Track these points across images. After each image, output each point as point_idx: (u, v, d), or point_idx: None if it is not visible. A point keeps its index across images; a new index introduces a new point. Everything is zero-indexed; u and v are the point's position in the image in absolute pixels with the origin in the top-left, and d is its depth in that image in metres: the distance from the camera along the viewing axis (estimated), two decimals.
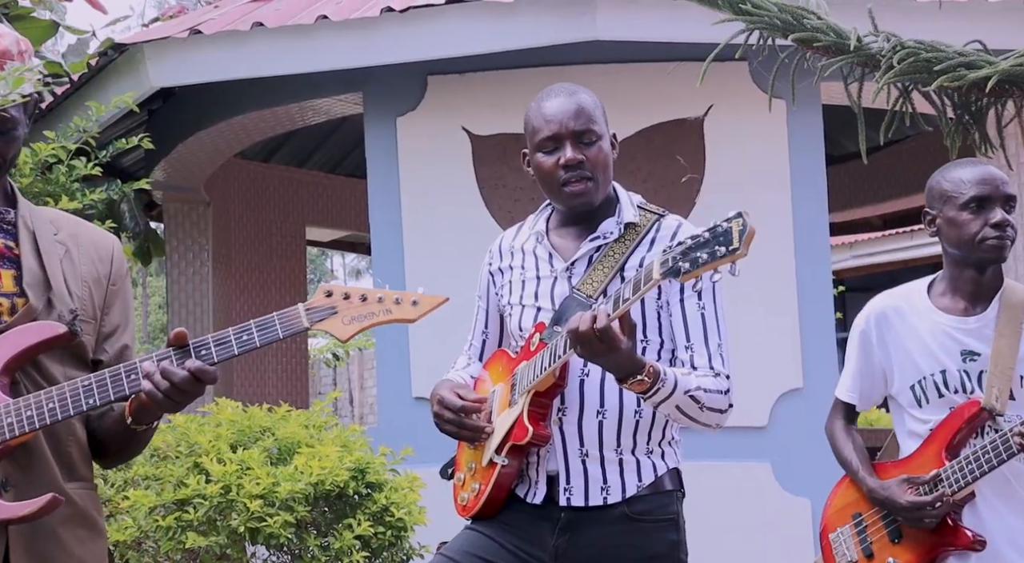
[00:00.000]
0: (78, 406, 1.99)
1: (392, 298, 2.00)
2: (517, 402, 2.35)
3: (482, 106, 5.31)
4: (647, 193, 5.15)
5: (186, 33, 5.27)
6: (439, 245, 5.29)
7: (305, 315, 1.99)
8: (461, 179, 5.32)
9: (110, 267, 2.16)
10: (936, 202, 2.73)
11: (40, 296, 2.04)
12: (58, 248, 2.10)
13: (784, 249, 5.20)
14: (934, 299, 2.75)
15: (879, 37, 2.75)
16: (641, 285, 2.09)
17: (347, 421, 14.36)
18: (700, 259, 2.02)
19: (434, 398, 2.45)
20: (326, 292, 2.01)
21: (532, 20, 4.89)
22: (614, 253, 2.37)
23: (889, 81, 2.69)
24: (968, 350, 2.68)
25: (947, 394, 2.68)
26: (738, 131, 5.22)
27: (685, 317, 2.35)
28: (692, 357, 2.34)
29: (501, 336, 2.58)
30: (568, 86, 2.42)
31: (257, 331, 1.99)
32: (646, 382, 2.20)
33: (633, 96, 5.17)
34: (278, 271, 7.99)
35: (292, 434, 3.80)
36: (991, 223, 2.65)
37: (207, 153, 6.60)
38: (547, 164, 2.38)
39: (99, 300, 2.13)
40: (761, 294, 5.02)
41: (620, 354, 2.14)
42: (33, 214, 2.13)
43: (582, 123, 2.36)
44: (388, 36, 5.03)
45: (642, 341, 2.35)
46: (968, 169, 2.70)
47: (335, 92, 5.62)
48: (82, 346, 2.09)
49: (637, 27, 4.85)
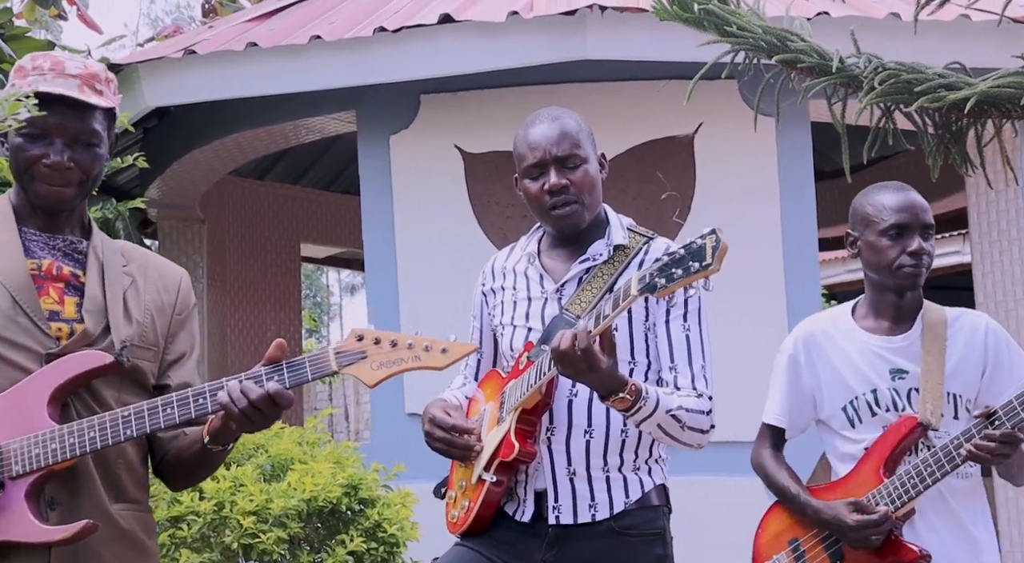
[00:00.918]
0: (116, 436, 2.03)
1: (422, 345, 2.02)
2: (505, 420, 2.39)
3: (474, 124, 5.36)
4: (638, 210, 5.24)
5: (181, 53, 5.32)
6: (432, 261, 5.33)
7: (334, 358, 2.01)
8: (454, 196, 5.36)
9: (176, 297, 2.23)
10: (858, 225, 2.77)
11: (97, 323, 2.10)
12: (124, 279, 2.17)
13: (773, 264, 5.24)
14: (859, 320, 2.78)
15: (861, 58, 2.79)
16: (620, 302, 2.14)
17: (342, 437, 14.37)
18: (675, 275, 2.07)
19: (426, 416, 2.48)
20: (357, 336, 2.03)
21: (523, 40, 4.94)
22: (603, 274, 2.41)
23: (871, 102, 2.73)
24: (897, 368, 2.70)
25: (879, 412, 2.70)
26: (728, 148, 5.27)
27: (670, 338, 2.39)
28: (676, 378, 2.38)
29: (495, 355, 2.61)
30: (553, 111, 2.47)
31: (288, 372, 2.02)
32: (628, 399, 2.23)
33: (623, 114, 5.21)
34: (272, 288, 8.01)
35: (285, 451, 3.83)
36: (908, 251, 2.68)
37: (202, 171, 6.63)
38: (534, 190, 2.43)
39: (163, 328, 2.19)
40: (750, 309, 5.07)
41: (601, 372, 2.18)
42: (105, 245, 2.20)
43: (565, 148, 2.40)
44: (381, 56, 5.07)
45: (630, 363, 2.38)
46: (891, 195, 2.74)
47: (329, 111, 5.66)
48: (140, 372, 2.14)
49: (626, 47, 4.90)
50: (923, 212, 2.72)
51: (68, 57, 2.16)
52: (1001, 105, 2.63)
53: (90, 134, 2.12)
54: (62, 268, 2.14)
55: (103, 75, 2.16)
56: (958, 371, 2.70)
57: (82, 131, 2.11)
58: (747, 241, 5.08)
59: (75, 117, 2.10)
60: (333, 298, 30.99)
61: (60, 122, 2.09)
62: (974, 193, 5.77)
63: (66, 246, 2.16)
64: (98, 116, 2.13)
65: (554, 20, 4.87)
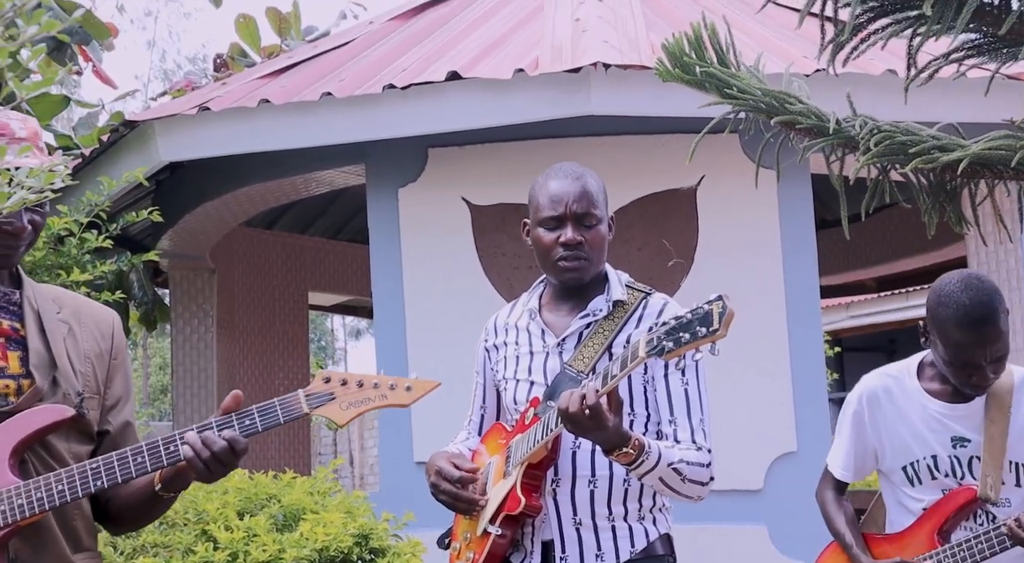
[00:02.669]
0: (86, 488, 2.06)
1: (387, 384, 2.10)
2: (511, 473, 2.44)
3: (481, 177, 5.44)
4: (642, 261, 5.30)
5: (195, 110, 5.41)
6: (440, 313, 5.39)
7: (305, 401, 2.08)
8: (461, 248, 5.43)
9: (111, 343, 2.24)
10: (932, 324, 2.70)
11: (45, 377, 2.11)
12: (62, 327, 2.18)
13: (776, 314, 5.29)
14: (924, 382, 2.78)
15: (857, 120, 2.86)
16: (628, 363, 2.19)
17: (346, 481, 14.34)
18: (683, 339, 2.13)
19: (431, 468, 2.53)
20: (324, 378, 2.10)
21: (529, 96, 5.02)
22: (603, 330, 2.48)
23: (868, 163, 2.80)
24: (958, 436, 2.71)
25: (939, 477, 2.73)
26: (730, 200, 5.34)
27: (669, 392, 2.45)
28: (675, 431, 2.43)
29: (498, 410, 2.67)
30: (576, 168, 2.54)
31: (259, 416, 2.08)
32: (631, 454, 2.29)
33: (627, 167, 5.29)
34: (281, 335, 8.07)
35: (297, 501, 3.86)
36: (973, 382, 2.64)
37: (212, 222, 6.71)
38: (547, 239, 2.49)
39: (102, 375, 2.20)
40: (755, 358, 5.11)
41: (607, 429, 2.23)
42: (37, 293, 2.20)
43: (584, 206, 2.48)
44: (390, 111, 5.16)
45: (629, 414, 2.44)
46: (962, 333, 2.62)
47: (338, 164, 5.75)
48: (86, 422, 2.16)
49: (629, 103, 4.98)
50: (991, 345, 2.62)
51: (14, 117, 2.15)
52: (993, 166, 2.70)
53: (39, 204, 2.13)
54: (0, 322, 2.12)
55: (40, 131, 2.18)
56: (1023, 438, 2.69)
57: None
58: (750, 290, 5.15)
59: None
60: (338, 343, 31.05)
61: None
62: (973, 243, 5.83)
63: (0, 299, 2.16)
64: None
65: (559, 77, 4.96)
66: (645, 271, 5.03)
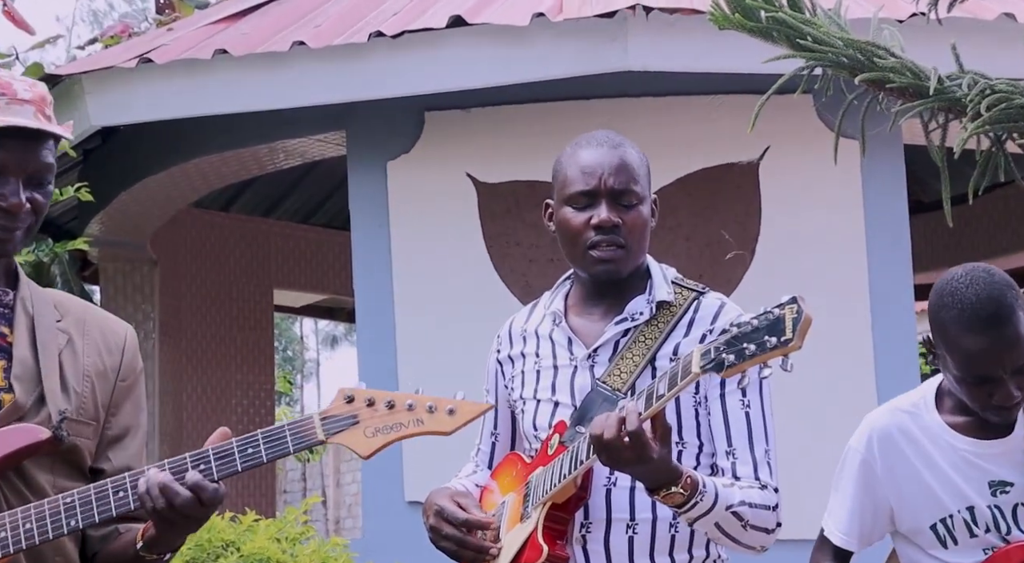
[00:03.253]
0: (59, 528, 2.06)
1: (425, 405, 2.05)
2: (530, 516, 2.44)
3: (490, 148, 5.44)
4: (689, 253, 5.31)
5: (134, 62, 5.42)
6: (438, 315, 5.39)
7: (320, 426, 2.05)
8: (464, 235, 5.43)
9: (120, 360, 2.25)
10: (936, 334, 2.63)
11: (29, 392, 2.13)
12: (59, 337, 2.20)
13: (859, 321, 5.28)
14: (945, 414, 2.70)
15: (964, 77, 2.85)
16: (678, 380, 2.19)
17: (319, 526, 14.36)
18: (747, 351, 2.11)
19: (430, 508, 2.53)
20: (346, 397, 2.06)
21: (550, 47, 5.03)
22: (645, 338, 2.47)
23: (977, 131, 2.79)
24: (997, 480, 2.65)
25: (979, 534, 2.65)
26: (801, 177, 5.33)
27: (727, 417, 2.45)
28: (734, 465, 2.43)
29: (514, 437, 2.67)
30: (612, 136, 2.54)
31: (264, 444, 2.05)
32: (682, 495, 2.28)
33: (671, 136, 5.29)
34: (239, 344, 8.09)
35: (261, 549, 3.88)
36: (995, 404, 2.57)
37: (155, 202, 6.73)
38: (575, 222, 2.48)
39: (103, 398, 2.21)
40: (828, 377, 5.10)
41: (652, 463, 2.23)
42: (35, 296, 2.23)
43: (623, 181, 2.47)
44: (378, 66, 5.17)
45: (677, 443, 2.42)
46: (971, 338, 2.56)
47: (313, 131, 5.76)
48: (77, 452, 2.17)
49: (675, 56, 4.97)
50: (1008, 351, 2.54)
51: (14, 77, 2.23)
52: None
53: (46, 170, 2.19)
54: None
55: (49, 97, 2.23)
56: None
57: (40, 167, 2.17)
58: (824, 290, 5.14)
59: (32, 151, 2.16)
60: (309, 352, 31.08)
61: (19, 158, 2.15)
62: None
63: None
64: (51, 147, 2.20)
65: (588, 24, 4.95)
66: (694, 266, 5.03)
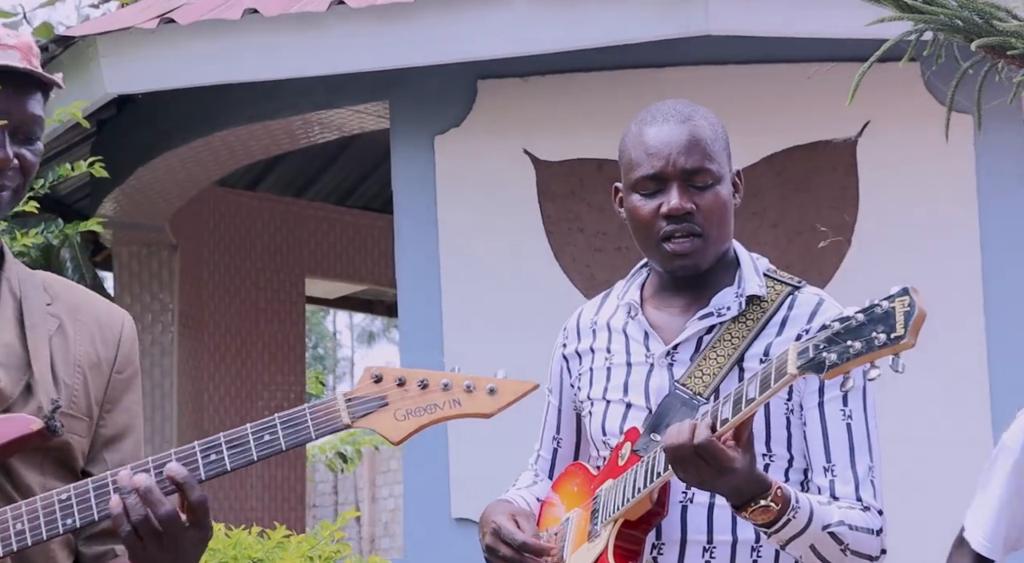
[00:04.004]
0: (53, 528, 2.06)
1: (462, 384, 2.06)
2: (600, 534, 2.44)
3: (551, 121, 5.44)
4: (777, 241, 5.29)
5: (155, 22, 5.43)
6: (490, 309, 5.41)
7: (345, 408, 2.05)
8: (521, 219, 5.44)
9: (115, 351, 2.25)
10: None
11: (16, 381, 2.13)
12: (49, 322, 2.20)
13: (971, 320, 5.25)
14: None
15: None
16: (772, 382, 2.16)
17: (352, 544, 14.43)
18: (852, 350, 2.08)
19: (486, 525, 2.53)
20: (374, 376, 2.06)
21: (620, 8, 5.02)
22: (732, 336, 2.47)
23: None
24: None
25: None
26: (906, 156, 5.31)
27: (825, 428, 2.43)
28: (833, 483, 2.41)
29: (578, 443, 2.67)
30: (682, 107, 2.52)
31: (283, 429, 2.05)
32: (772, 510, 2.27)
33: (757, 109, 5.28)
34: (267, 340, 8.14)
35: None
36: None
37: (175, 180, 6.77)
38: (644, 211, 2.48)
39: (97, 392, 2.22)
40: (936, 385, 5.07)
41: (736, 475, 2.22)
42: (23, 278, 2.23)
43: (696, 160, 2.46)
44: (426, 28, 5.17)
45: (764, 456, 2.42)
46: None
47: (353, 101, 5.77)
48: (69, 450, 2.17)
49: (762, 18, 4.96)
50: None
51: (3, 29, 2.21)
52: None
53: (33, 122, 2.18)
54: None
55: (35, 48, 2.23)
56: None
57: (27, 118, 2.17)
58: (932, 285, 5.10)
59: (18, 100, 2.16)
60: (343, 350, 31.22)
61: (4, 106, 2.14)
62: None
63: None
64: (39, 100, 2.20)
65: None
66: (782, 256, 4.98)
